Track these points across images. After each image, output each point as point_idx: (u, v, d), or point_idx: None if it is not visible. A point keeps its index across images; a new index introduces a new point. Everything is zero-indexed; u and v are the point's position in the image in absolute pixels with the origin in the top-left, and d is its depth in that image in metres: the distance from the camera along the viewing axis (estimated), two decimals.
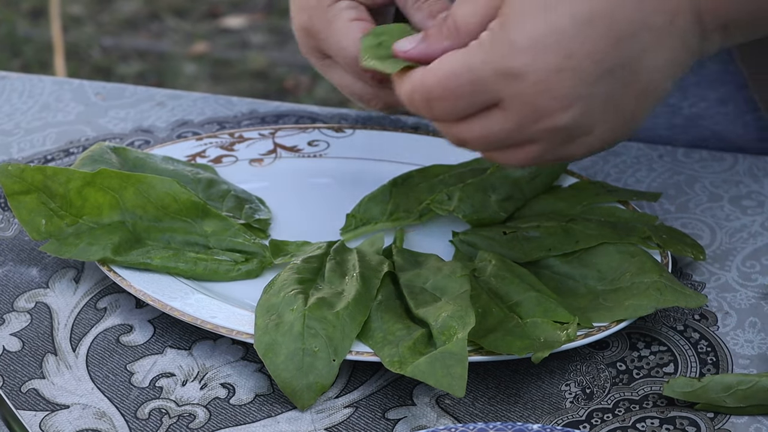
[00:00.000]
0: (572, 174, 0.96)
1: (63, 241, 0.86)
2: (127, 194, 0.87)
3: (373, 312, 0.81)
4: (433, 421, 0.77)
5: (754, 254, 0.90)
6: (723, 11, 0.75)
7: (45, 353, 0.82)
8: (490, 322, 0.80)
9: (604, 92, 0.72)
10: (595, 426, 0.76)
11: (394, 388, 0.79)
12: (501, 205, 0.91)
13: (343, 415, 0.77)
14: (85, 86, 1.13)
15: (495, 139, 0.74)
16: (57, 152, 1.03)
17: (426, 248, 0.89)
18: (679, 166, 1.00)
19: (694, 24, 0.74)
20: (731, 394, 0.75)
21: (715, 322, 0.84)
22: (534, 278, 0.84)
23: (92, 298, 0.87)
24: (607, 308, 0.81)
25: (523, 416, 0.77)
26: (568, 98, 0.72)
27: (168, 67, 3.14)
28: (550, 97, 0.72)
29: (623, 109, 0.74)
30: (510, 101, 0.72)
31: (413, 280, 0.84)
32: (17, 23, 3.31)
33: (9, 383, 0.80)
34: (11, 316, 0.85)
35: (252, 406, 0.78)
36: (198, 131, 1.05)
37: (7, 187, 0.87)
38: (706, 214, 0.94)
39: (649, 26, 0.72)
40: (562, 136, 0.74)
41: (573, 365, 0.80)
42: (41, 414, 0.77)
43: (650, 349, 0.82)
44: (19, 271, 0.89)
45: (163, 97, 1.11)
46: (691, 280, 0.88)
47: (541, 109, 0.72)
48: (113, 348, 0.83)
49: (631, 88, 0.73)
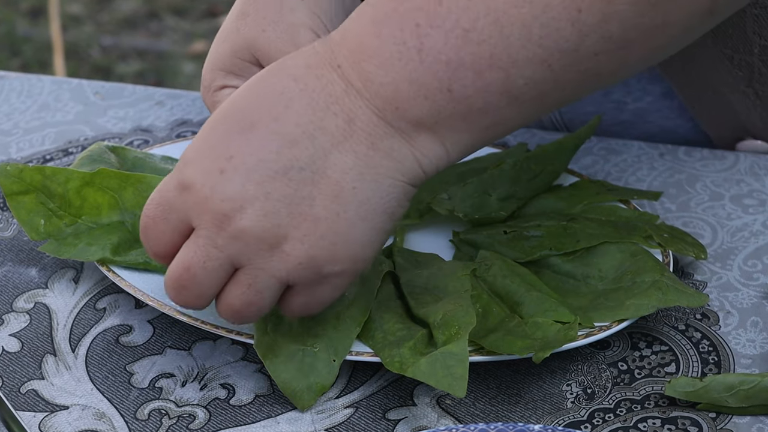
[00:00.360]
0: (573, 173, 0.96)
1: (62, 241, 0.86)
2: (127, 194, 0.87)
3: (374, 312, 0.81)
4: (434, 422, 0.76)
5: (755, 253, 0.90)
6: (403, 110, 0.70)
7: (44, 354, 0.82)
8: (491, 321, 0.80)
9: (282, 193, 0.70)
10: (596, 426, 0.76)
11: (395, 389, 0.79)
12: (501, 204, 0.91)
13: (344, 415, 0.77)
14: (84, 86, 1.12)
15: (199, 262, 0.72)
16: (56, 152, 1.02)
17: (426, 248, 0.89)
18: (680, 164, 1.00)
19: (381, 125, 0.71)
20: (733, 394, 0.75)
21: (716, 321, 0.84)
22: (535, 278, 0.83)
23: (91, 298, 0.87)
24: (609, 308, 0.81)
25: (525, 416, 0.77)
26: (238, 198, 0.70)
27: (167, 66, 3.14)
28: (220, 200, 0.70)
29: (318, 215, 0.71)
30: (192, 214, 0.72)
31: (414, 280, 0.83)
32: (16, 23, 3.31)
33: (8, 384, 0.79)
34: (10, 317, 0.85)
35: (252, 406, 0.78)
36: (197, 130, 1.05)
37: (5, 187, 0.86)
38: (708, 212, 0.94)
39: (324, 129, 0.70)
40: (254, 245, 0.71)
41: (574, 365, 0.80)
42: (41, 415, 0.77)
43: (652, 349, 0.81)
44: (18, 272, 0.89)
45: (163, 97, 1.11)
46: (693, 279, 0.88)
47: (219, 214, 0.71)
48: (113, 348, 0.82)
49: (318, 190, 0.70)
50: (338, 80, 0.71)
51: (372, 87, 0.71)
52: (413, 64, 0.70)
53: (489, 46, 0.69)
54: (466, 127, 0.72)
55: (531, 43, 0.69)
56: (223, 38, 0.88)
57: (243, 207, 0.70)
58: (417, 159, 0.72)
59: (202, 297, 0.73)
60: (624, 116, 1.05)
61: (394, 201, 0.72)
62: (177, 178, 0.72)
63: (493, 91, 0.70)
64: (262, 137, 0.71)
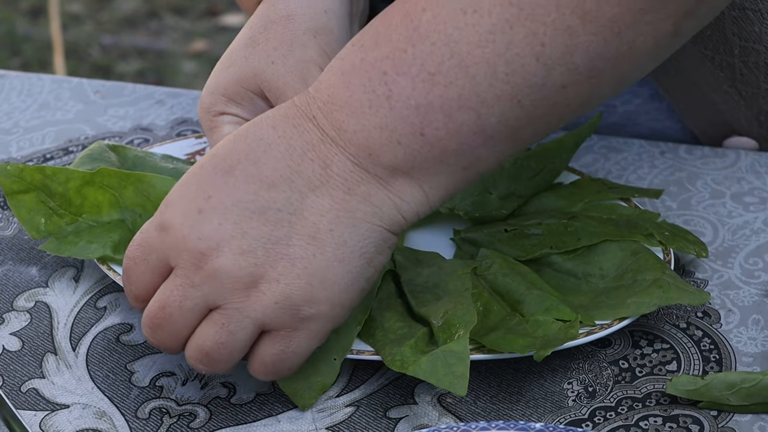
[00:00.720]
0: (574, 171, 0.95)
1: (62, 239, 0.86)
2: (127, 193, 0.87)
3: (375, 311, 0.81)
4: (435, 420, 0.76)
5: (756, 251, 0.90)
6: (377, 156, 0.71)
7: (45, 353, 0.82)
8: (492, 320, 0.80)
9: (259, 233, 0.71)
10: (597, 424, 0.75)
11: (396, 387, 0.79)
12: (502, 202, 0.91)
13: (345, 414, 0.77)
14: (84, 85, 1.12)
15: (175, 301, 0.72)
16: (56, 151, 1.02)
17: (427, 246, 0.89)
18: (680, 162, 1.00)
19: (357, 171, 0.72)
20: (735, 392, 0.75)
21: (718, 319, 0.83)
22: (536, 276, 0.83)
23: (92, 297, 0.87)
24: (610, 306, 0.81)
25: (526, 415, 0.77)
26: (215, 237, 0.71)
27: (167, 65, 3.14)
28: (197, 238, 0.71)
29: (295, 254, 0.71)
30: (171, 254, 0.72)
31: (414, 279, 0.83)
32: (17, 22, 3.31)
33: (9, 383, 0.79)
34: (11, 316, 0.85)
35: (253, 405, 0.78)
36: (197, 129, 1.05)
37: (6, 186, 0.86)
38: (709, 211, 0.94)
39: (301, 173, 0.71)
40: (230, 284, 0.71)
41: (575, 363, 0.80)
42: (41, 414, 0.77)
43: (653, 347, 0.81)
44: (19, 270, 0.89)
45: (162, 95, 1.11)
46: (694, 277, 0.87)
47: (196, 252, 0.71)
48: (113, 347, 0.82)
49: (295, 231, 0.71)
50: (314, 129, 0.72)
51: (345, 135, 0.72)
52: (383, 111, 0.71)
53: (457, 88, 0.70)
54: (444, 170, 0.72)
55: (498, 81, 0.70)
56: (229, 63, 0.88)
57: (220, 245, 0.71)
58: (395, 204, 0.73)
59: (177, 337, 0.73)
60: (613, 119, 1.05)
61: (372, 246, 0.73)
62: (158, 220, 0.73)
63: (466, 132, 0.71)
64: (241, 179, 0.72)
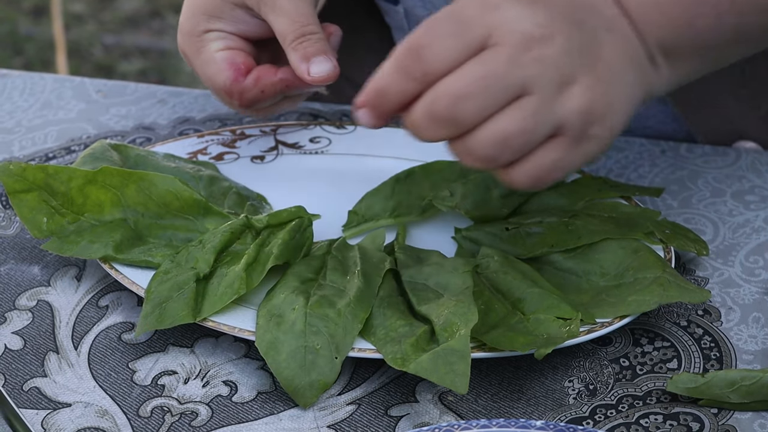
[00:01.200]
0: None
1: (64, 239, 0.86)
2: (129, 192, 0.87)
3: (375, 309, 0.81)
4: (436, 418, 0.76)
5: (757, 249, 0.90)
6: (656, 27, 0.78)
7: (47, 351, 0.82)
8: (493, 318, 0.80)
9: (579, 41, 0.74)
10: (598, 422, 0.76)
11: (397, 385, 0.79)
12: (503, 201, 0.91)
13: (346, 412, 0.77)
14: (86, 84, 1.13)
15: (498, 73, 0.72)
16: (58, 150, 1.03)
17: (428, 245, 0.89)
18: (681, 161, 1.00)
19: (635, 36, 0.77)
20: (735, 389, 0.75)
21: (718, 317, 0.84)
22: (536, 274, 0.83)
23: (94, 296, 0.87)
24: (610, 304, 0.81)
25: (526, 413, 0.77)
26: (549, 27, 0.73)
27: (169, 64, 3.14)
28: (535, 24, 0.73)
29: (598, 73, 0.74)
30: (498, 32, 0.72)
31: (415, 277, 0.84)
32: (19, 21, 3.32)
33: (11, 382, 0.80)
34: (13, 314, 0.85)
35: (254, 403, 0.78)
36: (199, 128, 1.05)
37: (8, 185, 0.87)
38: (709, 209, 0.94)
39: (600, 12, 0.76)
40: (552, 75, 0.73)
41: (576, 361, 0.80)
42: (43, 412, 0.77)
43: (653, 345, 0.81)
44: (21, 269, 0.89)
45: (165, 95, 1.11)
46: (695, 275, 0.88)
47: (529, 35, 0.72)
48: (115, 346, 0.83)
49: (602, 55, 0.75)
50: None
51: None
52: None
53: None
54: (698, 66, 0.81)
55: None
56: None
57: (553, 36, 0.73)
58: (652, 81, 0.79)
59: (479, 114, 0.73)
60: None
61: (636, 102, 0.77)
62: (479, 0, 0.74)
63: (728, 31, 0.80)
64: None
